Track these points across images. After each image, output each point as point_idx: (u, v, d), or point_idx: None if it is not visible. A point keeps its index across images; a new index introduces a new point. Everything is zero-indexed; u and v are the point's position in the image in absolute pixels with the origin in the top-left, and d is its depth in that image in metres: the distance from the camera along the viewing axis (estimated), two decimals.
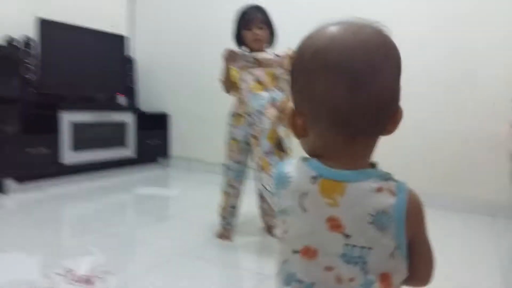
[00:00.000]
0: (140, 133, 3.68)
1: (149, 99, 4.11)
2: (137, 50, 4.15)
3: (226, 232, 2.16)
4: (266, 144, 1.91)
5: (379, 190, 0.60)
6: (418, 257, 0.64)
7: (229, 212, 2.19)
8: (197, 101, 3.92)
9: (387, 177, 0.62)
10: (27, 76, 2.96)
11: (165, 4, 4.02)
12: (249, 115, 1.96)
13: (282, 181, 0.66)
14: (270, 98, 1.93)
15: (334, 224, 0.60)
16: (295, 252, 0.64)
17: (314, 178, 0.62)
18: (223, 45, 3.64)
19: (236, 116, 2.12)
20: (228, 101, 2.26)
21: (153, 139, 3.90)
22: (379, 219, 0.59)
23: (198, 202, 2.83)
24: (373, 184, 0.60)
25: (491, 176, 2.86)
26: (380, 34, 0.62)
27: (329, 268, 0.61)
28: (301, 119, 0.64)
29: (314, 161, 0.64)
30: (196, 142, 3.95)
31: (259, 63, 1.94)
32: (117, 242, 2.02)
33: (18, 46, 2.97)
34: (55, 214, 2.48)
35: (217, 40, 3.73)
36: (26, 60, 2.96)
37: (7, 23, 3.01)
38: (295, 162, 0.66)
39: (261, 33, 2.06)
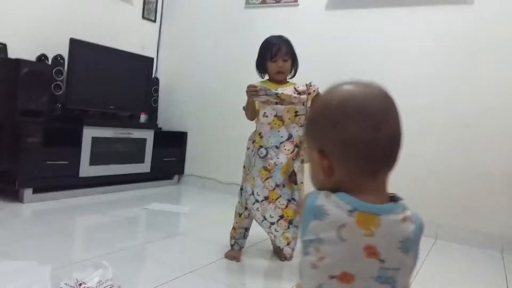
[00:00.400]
0: (157, 150, 3.75)
1: (169, 117, 4.19)
2: (160, 70, 4.26)
3: (235, 253, 2.18)
4: (279, 177, 1.96)
5: (404, 220, 0.73)
6: None
7: (240, 233, 2.21)
8: (214, 121, 3.98)
9: (405, 207, 0.75)
10: (55, 92, 3.08)
11: (189, 28, 4.14)
12: (265, 148, 1.99)
13: (318, 213, 0.73)
14: (289, 135, 1.97)
15: (371, 252, 0.70)
16: (332, 277, 0.71)
17: (351, 212, 0.71)
18: (242, 69, 3.76)
19: (255, 141, 2.14)
20: (243, 124, 2.30)
21: (169, 156, 3.95)
22: (405, 245, 0.72)
23: (209, 221, 2.85)
24: (399, 215, 0.73)
25: (503, 211, 2.83)
26: (380, 88, 0.77)
27: None
28: (327, 161, 0.75)
29: (346, 195, 0.73)
30: (211, 161, 3.99)
31: (281, 100, 1.96)
32: (127, 256, 2.05)
33: (49, 63, 3.10)
34: (69, 225, 2.53)
35: (236, 63, 3.83)
36: (55, 77, 3.08)
37: (43, 43, 3.17)
38: (326, 196, 0.74)
39: (285, 65, 2.11)
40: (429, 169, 3.02)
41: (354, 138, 0.72)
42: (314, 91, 1.98)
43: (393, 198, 0.76)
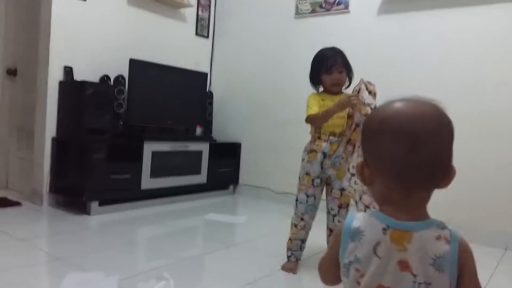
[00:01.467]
0: (213, 161, 3.85)
1: (223, 129, 4.30)
2: (214, 84, 4.39)
3: (292, 265, 2.19)
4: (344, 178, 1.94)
5: (438, 238, 0.75)
6: None
7: (296, 245, 2.21)
8: (266, 132, 4.03)
9: (442, 226, 0.77)
10: (117, 110, 3.28)
11: (240, 41, 4.24)
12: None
13: (355, 235, 0.79)
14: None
15: (404, 266, 0.74)
16: None
17: (385, 230, 0.76)
18: (292, 80, 3.79)
19: (311, 152, 2.16)
20: (294, 133, 2.32)
21: (224, 167, 4.05)
22: (438, 262, 0.74)
23: (264, 231, 2.89)
24: (433, 233, 0.75)
25: None
26: (436, 109, 0.76)
27: None
28: (368, 170, 0.80)
29: (381, 214, 0.78)
30: (264, 171, 4.04)
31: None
32: (186, 267, 2.13)
33: (111, 83, 3.30)
34: (132, 236, 2.67)
35: (287, 75, 3.87)
36: (117, 96, 3.27)
37: (105, 65, 3.38)
38: (364, 216, 0.81)
39: (340, 77, 2.12)
40: (495, 174, 2.88)
41: (387, 155, 0.75)
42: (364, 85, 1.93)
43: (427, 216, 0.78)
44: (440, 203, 1.04)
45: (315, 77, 2.20)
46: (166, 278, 1.71)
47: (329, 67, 2.10)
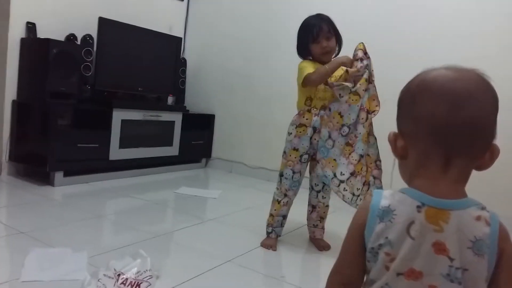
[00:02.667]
0: (185, 133, 3.69)
1: (197, 99, 4.11)
2: (188, 50, 4.16)
3: (272, 241, 2.12)
4: (361, 147, 1.89)
5: (478, 218, 0.68)
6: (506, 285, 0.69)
7: (277, 221, 2.14)
8: (242, 104, 3.89)
9: (482, 206, 0.70)
10: (84, 73, 3.02)
11: (217, 7, 4.01)
12: (347, 126, 1.91)
13: (385, 215, 0.71)
14: (360, 104, 1.89)
15: (440, 248, 0.67)
16: (399, 274, 0.69)
17: (419, 207, 0.68)
18: (272, 49, 3.63)
19: (300, 126, 2.04)
20: (272, 107, 2.20)
21: (197, 139, 3.89)
22: (477, 245, 0.67)
23: (240, 206, 2.78)
24: (473, 212, 0.68)
25: None
26: (480, 76, 0.71)
27: (432, 286, 0.68)
28: (402, 141, 0.74)
29: (414, 191, 0.70)
30: (238, 145, 3.91)
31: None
32: (161, 243, 2.01)
33: (78, 43, 3.04)
34: (100, 209, 2.50)
35: (266, 44, 3.70)
36: (85, 58, 3.02)
37: (72, 23, 3.10)
38: (392, 194, 0.72)
39: (329, 44, 2.00)
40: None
41: (427, 115, 0.69)
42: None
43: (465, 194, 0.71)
44: None
45: (303, 48, 2.07)
46: (143, 256, 1.57)
47: (315, 35, 1.98)
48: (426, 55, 2.89)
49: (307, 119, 2.03)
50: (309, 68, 1.99)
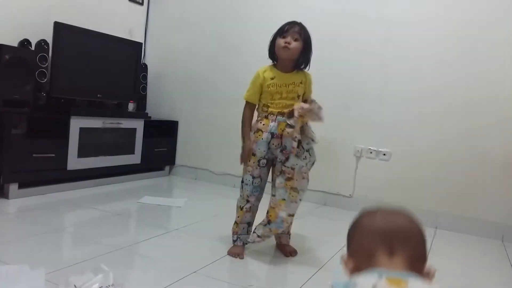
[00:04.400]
0: (147, 140, 3.60)
1: (158, 105, 4.04)
2: (148, 55, 4.08)
3: (238, 249, 2.09)
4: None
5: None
6: None
7: (242, 228, 2.12)
8: (205, 110, 3.85)
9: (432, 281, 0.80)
10: (39, 79, 2.89)
11: (178, 11, 3.96)
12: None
13: (347, 286, 0.76)
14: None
15: None
16: None
17: (380, 276, 0.74)
18: (234, 54, 3.63)
19: (257, 131, 2.05)
20: (236, 112, 2.19)
21: (160, 146, 3.81)
22: None
23: (205, 214, 2.74)
24: (426, 285, 0.75)
25: (503, 199, 2.81)
26: (411, 218, 0.88)
27: None
28: (352, 264, 0.87)
29: (369, 269, 0.79)
30: (203, 151, 3.87)
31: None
32: (124, 256, 1.94)
33: (32, 49, 2.91)
34: (58, 222, 2.39)
35: (229, 49, 3.68)
36: (39, 64, 2.89)
37: (26, 28, 2.97)
38: (350, 277, 0.83)
39: (293, 43, 1.96)
40: (428, 157, 2.97)
41: (372, 256, 0.81)
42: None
43: None
44: None
45: (271, 43, 2.04)
46: (105, 271, 1.51)
47: (284, 30, 1.98)
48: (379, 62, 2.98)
49: (263, 124, 2.04)
50: (252, 91, 2.07)
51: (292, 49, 1.96)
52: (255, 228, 2.09)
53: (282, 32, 1.98)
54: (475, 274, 2.17)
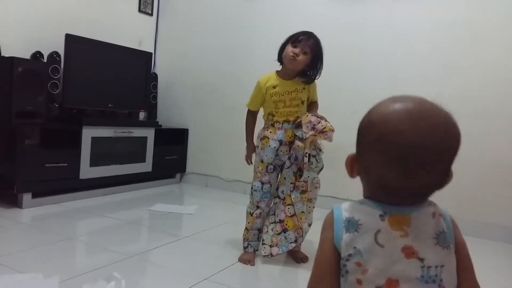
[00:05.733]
0: (158, 148, 3.63)
1: (169, 114, 4.07)
2: (158, 65, 4.13)
3: (249, 256, 2.10)
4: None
5: (433, 215, 0.72)
6: (464, 271, 0.73)
7: (253, 234, 2.12)
8: (215, 117, 3.87)
9: (432, 203, 0.74)
10: (51, 91, 2.95)
11: (187, 21, 4.01)
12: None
13: (351, 225, 0.71)
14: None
15: (409, 252, 0.68)
16: (378, 287, 0.69)
17: (382, 216, 0.70)
18: (243, 62, 3.65)
19: (264, 138, 2.07)
20: (245, 119, 2.21)
21: (171, 154, 3.84)
22: (441, 239, 0.70)
23: (216, 221, 2.75)
24: (428, 211, 0.71)
25: None
26: (442, 123, 0.68)
27: None
28: (357, 168, 0.75)
29: (372, 201, 0.73)
30: (213, 158, 3.89)
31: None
32: (136, 264, 1.95)
33: (44, 61, 2.97)
34: (71, 231, 2.41)
35: (237, 57, 3.71)
36: (51, 75, 2.95)
37: (38, 40, 3.03)
38: (352, 206, 0.74)
39: (301, 56, 1.96)
40: None
41: (381, 174, 0.70)
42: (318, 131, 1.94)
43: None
44: None
45: (281, 47, 2.04)
46: (113, 277, 1.52)
47: (295, 39, 1.97)
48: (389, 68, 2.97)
49: (270, 132, 2.06)
50: (254, 100, 2.12)
51: (298, 61, 1.97)
52: (263, 240, 2.10)
53: (295, 40, 1.98)
54: (488, 279, 2.14)
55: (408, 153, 0.66)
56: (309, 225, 2.08)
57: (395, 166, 0.67)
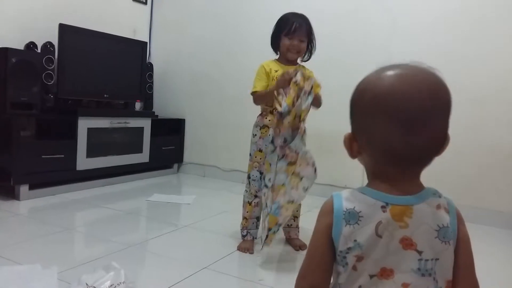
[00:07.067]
0: (155, 138, 3.62)
1: (165, 104, 4.05)
2: (153, 54, 4.09)
3: (248, 244, 2.10)
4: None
5: (438, 207, 0.70)
6: (464, 269, 0.72)
7: (252, 223, 2.13)
8: (211, 107, 3.86)
9: (438, 194, 0.72)
10: (46, 81, 2.92)
11: (182, 9, 3.96)
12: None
13: (352, 217, 0.70)
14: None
15: (408, 243, 0.68)
16: (372, 276, 0.69)
17: (384, 207, 0.69)
18: (239, 52, 3.62)
19: (263, 127, 2.06)
20: (242, 109, 2.20)
21: (168, 144, 3.83)
22: (442, 233, 0.69)
23: (214, 210, 2.75)
24: (433, 202, 0.70)
25: None
26: (433, 81, 0.69)
27: (405, 285, 0.68)
28: (357, 145, 0.73)
29: (374, 191, 0.71)
30: (210, 148, 3.88)
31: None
32: (135, 254, 1.96)
33: (38, 51, 2.93)
34: (69, 222, 2.41)
35: (233, 46, 3.68)
36: (46, 66, 2.92)
37: (32, 30, 2.99)
38: (353, 195, 0.72)
39: (300, 45, 1.99)
40: None
41: (381, 136, 0.68)
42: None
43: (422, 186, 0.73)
44: None
45: (275, 38, 2.06)
46: (116, 268, 1.52)
47: (291, 30, 1.97)
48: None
49: (269, 120, 2.05)
50: (259, 83, 2.02)
51: (299, 51, 2.01)
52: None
53: (288, 31, 1.97)
54: (487, 265, 2.15)
55: (405, 106, 0.66)
56: (290, 202, 1.78)
57: (395, 122, 0.66)
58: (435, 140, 0.69)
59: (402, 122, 0.65)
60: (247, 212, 2.13)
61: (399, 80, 0.68)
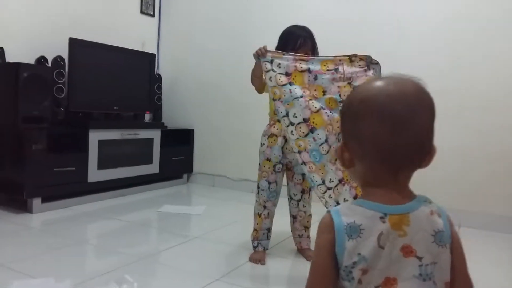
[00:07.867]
0: (165, 149, 3.64)
1: (174, 115, 4.07)
2: (162, 66, 4.13)
3: (259, 255, 2.09)
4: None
5: (431, 213, 0.73)
6: (458, 269, 0.74)
7: (263, 234, 2.12)
8: (220, 117, 3.87)
9: (429, 201, 0.75)
10: (57, 95, 2.96)
11: (189, 21, 4.00)
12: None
13: (353, 231, 0.71)
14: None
15: (408, 250, 0.70)
16: (377, 287, 0.70)
17: (383, 218, 0.70)
18: (246, 61, 3.62)
19: (271, 136, 2.05)
20: (250, 118, 2.20)
21: (177, 155, 3.84)
22: (438, 237, 0.71)
23: (225, 221, 2.75)
24: (426, 209, 0.73)
25: None
26: (417, 87, 0.73)
27: None
28: (348, 153, 0.75)
29: (370, 202, 0.72)
30: (219, 158, 3.88)
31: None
32: (147, 266, 1.95)
33: (49, 65, 2.98)
34: (81, 234, 2.42)
35: (240, 56, 3.69)
36: (56, 80, 2.96)
37: (42, 45, 3.04)
38: (350, 209, 0.73)
39: None
40: (447, 154, 2.92)
41: (371, 137, 0.71)
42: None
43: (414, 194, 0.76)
44: None
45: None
46: (128, 281, 1.52)
47: (297, 46, 1.98)
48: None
49: (277, 129, 2.04)
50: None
51: None
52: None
53: (294, 47, 1.98)
54: (501, 271, 2.12)
55: (392, 106, 0.70)
56: (306, 227, 2.20)
57: (383, 120, 0.69)
58: (422, 141, 0.71)
59: (390, 121, 0.69)
60: (257, 224, 2.12)
61: (386, 85, 0.73)
